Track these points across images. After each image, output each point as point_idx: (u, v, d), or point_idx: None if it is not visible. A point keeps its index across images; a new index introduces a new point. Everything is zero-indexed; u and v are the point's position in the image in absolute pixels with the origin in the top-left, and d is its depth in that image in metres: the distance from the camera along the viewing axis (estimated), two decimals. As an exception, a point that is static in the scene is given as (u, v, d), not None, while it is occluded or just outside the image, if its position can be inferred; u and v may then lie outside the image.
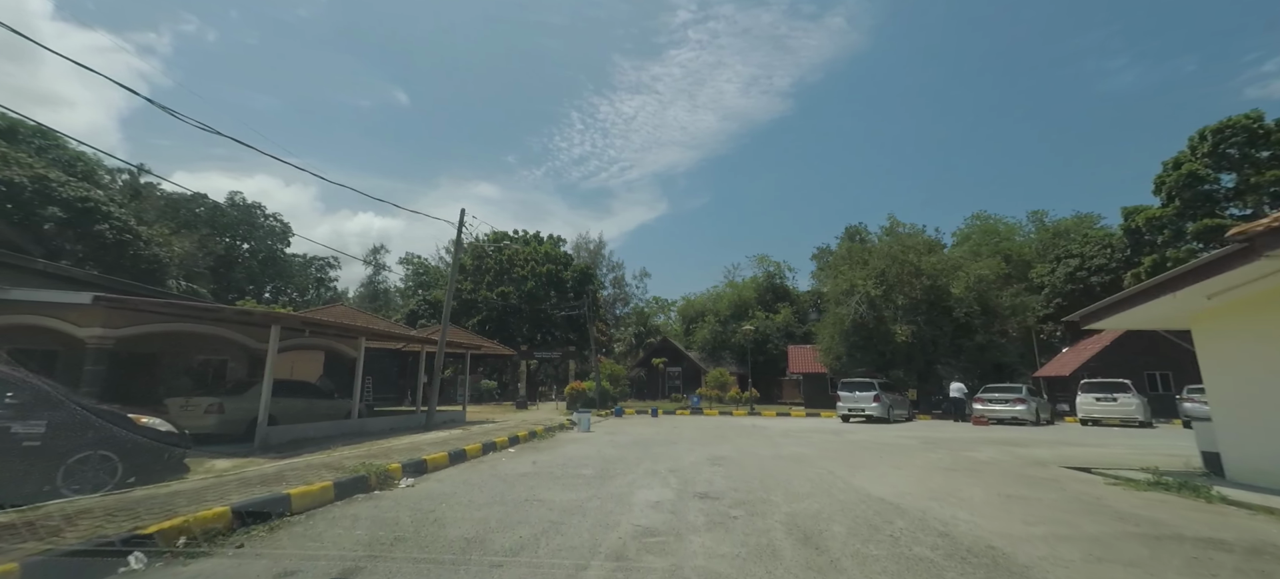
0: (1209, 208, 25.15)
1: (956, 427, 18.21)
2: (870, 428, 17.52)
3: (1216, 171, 24.88)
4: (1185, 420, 18.31)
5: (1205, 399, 9.20)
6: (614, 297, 72.93)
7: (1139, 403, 18.03)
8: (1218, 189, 25.03)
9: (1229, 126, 25.04)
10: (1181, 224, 25.57)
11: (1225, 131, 25.06)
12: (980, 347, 24.55)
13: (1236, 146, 24.67)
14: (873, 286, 24.89)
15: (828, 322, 27.77)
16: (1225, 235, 5.36)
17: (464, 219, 17.02)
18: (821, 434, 15.22)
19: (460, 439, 11.51)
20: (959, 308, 24.11)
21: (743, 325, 40.87)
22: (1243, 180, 24.78)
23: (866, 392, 19.52)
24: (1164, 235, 26.28)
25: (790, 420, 21.67)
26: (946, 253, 26.07)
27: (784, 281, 47.18)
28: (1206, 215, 25.03)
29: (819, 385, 35.07)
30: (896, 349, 24.60)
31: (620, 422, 20.31)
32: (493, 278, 45.84)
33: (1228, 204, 25.32)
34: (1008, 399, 18.65)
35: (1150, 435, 15.26)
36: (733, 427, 18.01)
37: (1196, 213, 25.30)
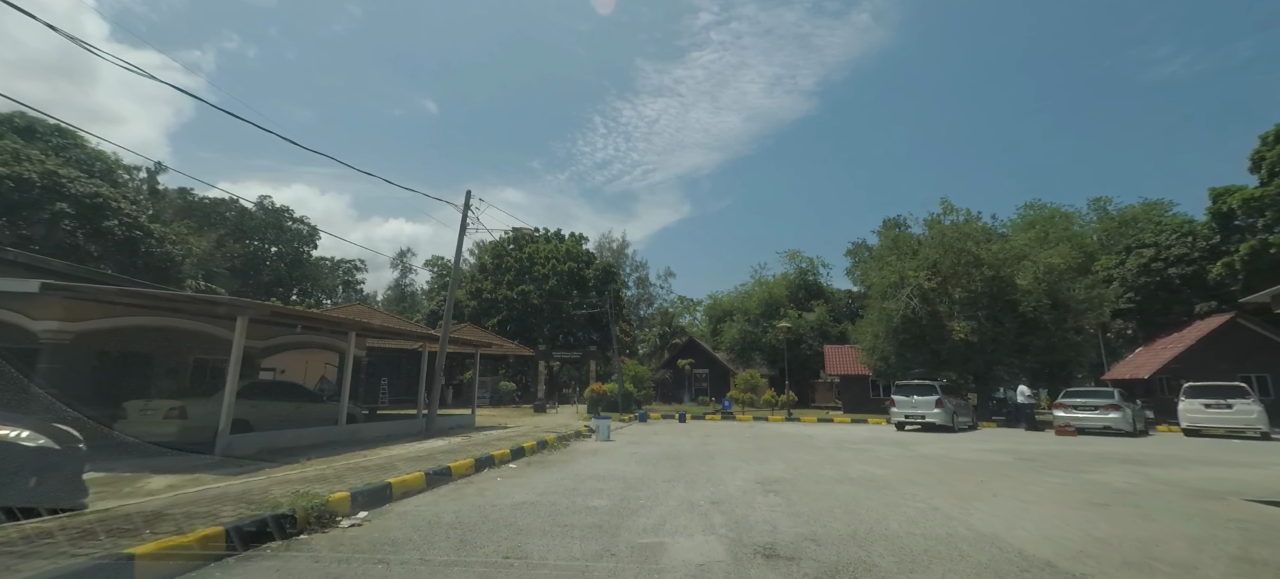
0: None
1: (1036, 437, 15.60)
2: (934, 438, 15.10)
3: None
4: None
5: None
6: (638, 297, 71.09)
7: (1259, 411, 15.13)
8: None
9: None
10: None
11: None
12: (1049, 346, 21.69)
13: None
14: (925, 278, 22.29)
15: (871, 319, 25.22)
16: None
17: (469, 202, 15.29)
18: (883, 446, 12.92)
19: (454, 451, 9.67)
20: (1025, 302, 21.31)
21: (777, 324, 38.36)
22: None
23: (927, 395, 17.06)
24: (1265, 218, 22.90)
25: (836, 427, 19.30)
26: (1008, 241, 23.23)
27: (817, 278, 44.50)
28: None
29: (858, 389, 32.45)
30: (952, 348, 21.94)
31: (645, 428, 18.30)
32: (513, 277, 44.44)
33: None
34: (1098, 405, 15.97)
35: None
36: (774, 435, 15.80)
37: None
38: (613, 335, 28.22)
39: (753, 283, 45.58)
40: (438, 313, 49.60)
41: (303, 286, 61.35)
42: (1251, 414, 15.15)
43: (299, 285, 60.67)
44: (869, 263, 26.52)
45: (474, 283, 46.83)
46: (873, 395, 32.24)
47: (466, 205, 15.29)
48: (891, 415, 17.72)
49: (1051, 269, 21.31)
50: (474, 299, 45.29)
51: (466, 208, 15.27)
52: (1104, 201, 37.45)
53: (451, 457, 8.70)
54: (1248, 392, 15.68)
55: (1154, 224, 32.22)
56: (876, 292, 24.12)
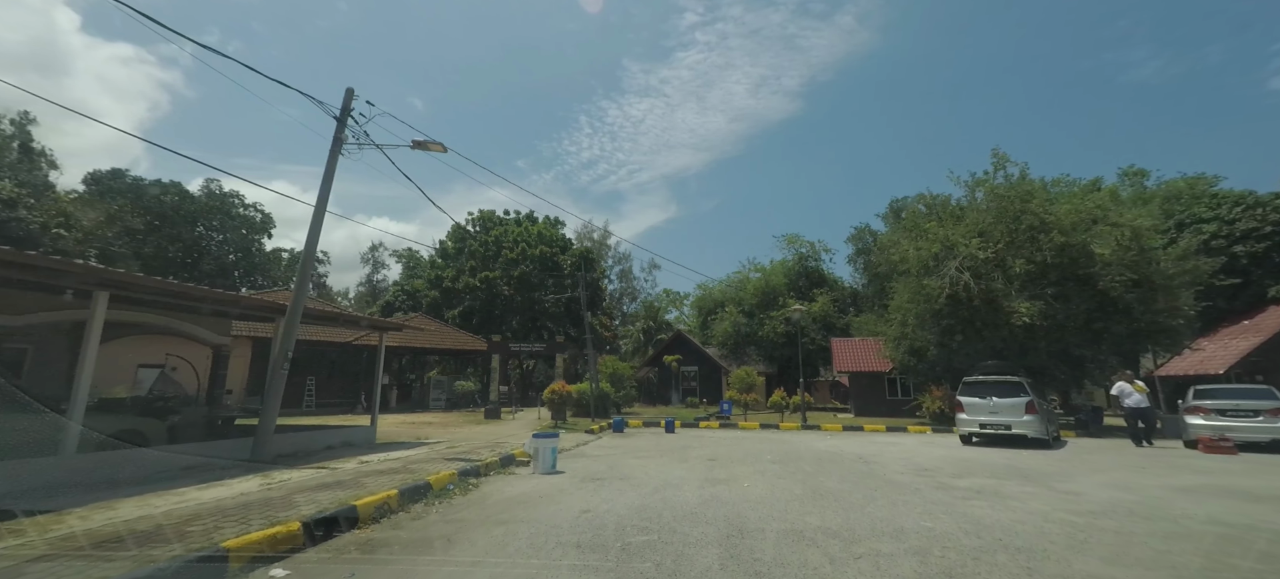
0: None
1: (1189, 457, 10.86)
2: (1031, 456, 10.33)
3: None
4: None
5: None
6: (621, 291, 65.94)
7: None
8: None
9: None
10: None
11: None
12: (1133, 332, 17.12)
13: None
14: (978, 247, 17.56)
15: (902, 301, 20.46)
16: None
17: (350, 105, 10.07)
18: (998, 478, 8.02)
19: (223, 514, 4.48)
20: (1105, 276, 16.71)
21: (780, 312, 33.62)
22: None
23: (1013, 396, 12.27)
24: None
25: (878, 439, 14.43)
26: (1078, 202, 18.60)
27: (819, 265, 39.87)
28: None
29: (871, 388, 27.70)
30: (1009, 335, 17.26)
31: (619, 443, 13.24)
32: (478, 262, 39.04)
33: None
34: (1259, 408, 11.30)
35: None
36: (806, 453, 10.85)
37: None
38: (586, 324, 23.13)
39: (750, 268, 40.74)
40: (392, 304, 43.99)
41: (252, 280, 55.04)
42: None
43: (249, 278, 54.40)
44: (897, 234, 21.79)
45: (434, 270, 41.36)
46: (890, 395, 27.55)
47: (346, 110, 10.05)
48: (959, 423, 12.88)
49: (1138, 234, 16.72)
50: (433, 288, 39.84)
51: (345, 113, 10.03)
52: (1141, 174, 33.17)
53: (204, 525, 3.54)
54: None
55: (1210, 197, 28.09)
56: (913, 266, 19.33)
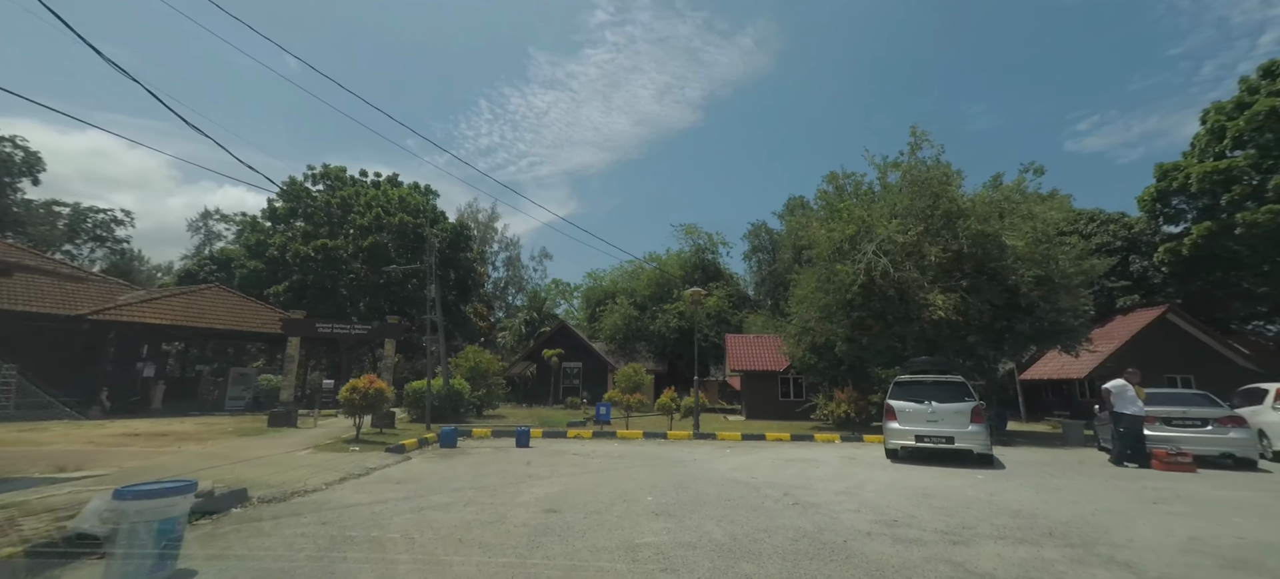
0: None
1: (1165, 480, 8.85)
2: (1003, 486, 7.65)
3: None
4: None
5: None
6: (507, 279, 60.06)
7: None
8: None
9: (1314, 55, 19.00)
10: (1263, 178, 19.15)
11: (1309, 60, 19.02)
12: (1037, 331, 16.11)
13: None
14: (898, 230, 15.47)
15: (806, 290, 18.08)
16: None
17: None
18: (1025, 542, 4.76)
19: None
20: (1016, 270, 15.45)
21: (673, 306, 30.73)
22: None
23: (955, 401, 9.67)
24: (1231, 193, 19.80)
25: (791, 455, 11.28)
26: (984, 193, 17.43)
27: (716, 258, 37.79)
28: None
29: (764, 389, 25.61)
30: (921, 332, 15.38)
31: (431, 466, 8.71)
32: (313, 228, 31.44)
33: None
34: (1207, 416, 9.72)
35: None
36: (707, 491, 7.17)
37: (1279, 163, 19.00)
38: (431, 304, 17.92)
39: (645, 257, 37.50)
40: (194, 273, 34.50)
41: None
42: (1391, 430, 9.83)
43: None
44: (807, 216, 19.53)
45: (255, 234, 32.86)
46: (783, 396, 25.66)
47: None
48: (888, 435, 10.07)
49: (1048, 228, 15.62)
50: (254, 256, 31.46)
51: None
52: (1039, 172, 34.93)
53: None
54: (1376, 395, 10.43)
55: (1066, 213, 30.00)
56: (824, 250, 16.92)
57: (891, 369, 16.70)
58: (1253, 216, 18.95)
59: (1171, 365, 22.95)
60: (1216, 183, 20.30)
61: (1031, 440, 14.91)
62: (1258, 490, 7.42)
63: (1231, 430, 9.47)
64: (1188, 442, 9.47)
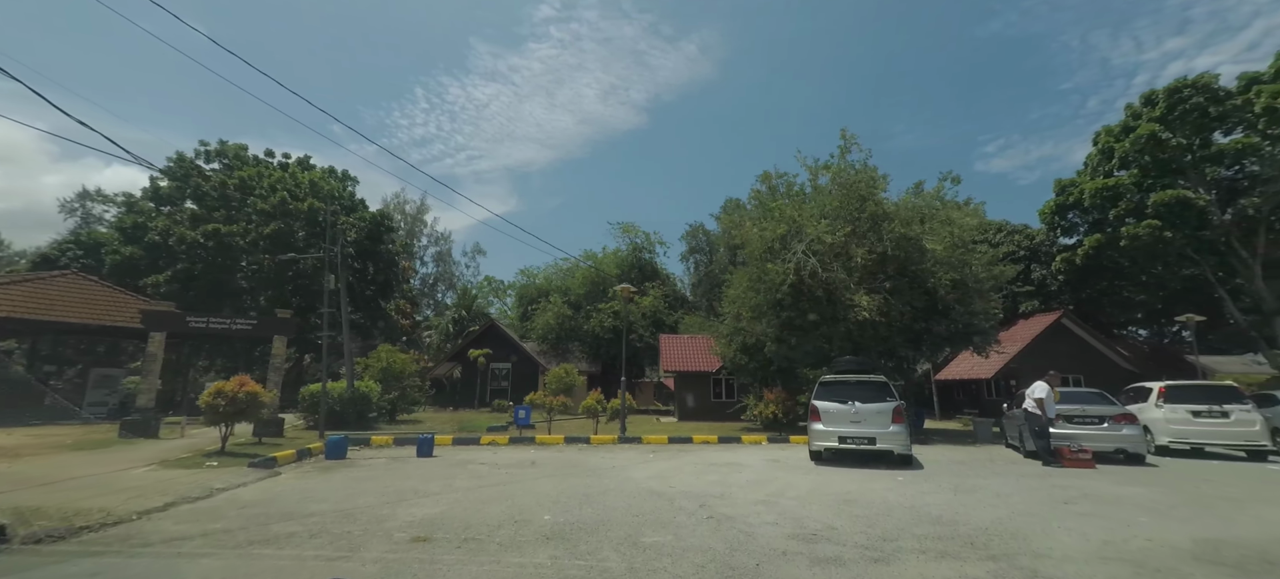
0: (1170, 178, 20.95)
1: (1073, 477, 9.05)
2: (921, 489, 7.48)
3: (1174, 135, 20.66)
4: None
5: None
6: (437, 276, 57.03)
7: (1261, 422, 10.81)
8: (1184, 155, 20.82)
9: (1183, 88, 21.25)
10: (1143, 195, 21.04)
11: (1180, 93, 21.22)
12: (952, 333, 16.72)
13: (1192, 109, 20.77)
14: (826, 231, 15.51)
15: (738, 290, 17.91)
16: None
17: None
18: (944, 555, 4.34)
19: None
20: (935, 274, 15.94)
21: (609, 305, 30.00)
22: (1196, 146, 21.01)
23: (877, 401, 9.52)
24: (1118, 209, 21.65)
25: (715, 459, 10.79)
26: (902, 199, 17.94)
27: (654, 258, 37.43)
28: (1165, 185, 20.73)
29: (697, 390, 25.49)
30: (847, 333, 15.52)
31: (297, 484, 7.50)
32: (206, 211, 28.07)
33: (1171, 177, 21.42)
34: (1103, 415, 10.15)
35: None
36: (617, 506, 6.44)
37: (1156, 182, 20.94)
38: (331, 294, 16.14)
39: (581, 255, 36.46)
40: (52, 258, 29.91)
41: None
42: (1252, 425, 10.73)
43: None
44: (740, 216, 19.36)
45: (133, 215, 28.95)
46: (715, 397, 25.62)
47: None
48: (812, 436, 9.78)
49: (964, 233, 16.22)
50: (130, 241, 27.64)
51: None
52: (955, 181, 37.12)
53: None
54: (1240, 394, 11.36)
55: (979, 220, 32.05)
56: (755, 249, 16.75)
57: (819, 370, 16.76)
58: (1134, 231, 20.76)
59: (1065, 366, 24.81)
60: (1105, 199, 22.14)
61: (946, 438, 15.37)
62: (1150, 485, 7.64)
63: (1124, 427, 9.92)
64: (1087, 438, 9.82)
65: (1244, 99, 19.96)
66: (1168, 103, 21.41)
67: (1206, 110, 20.60)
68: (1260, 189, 20.48)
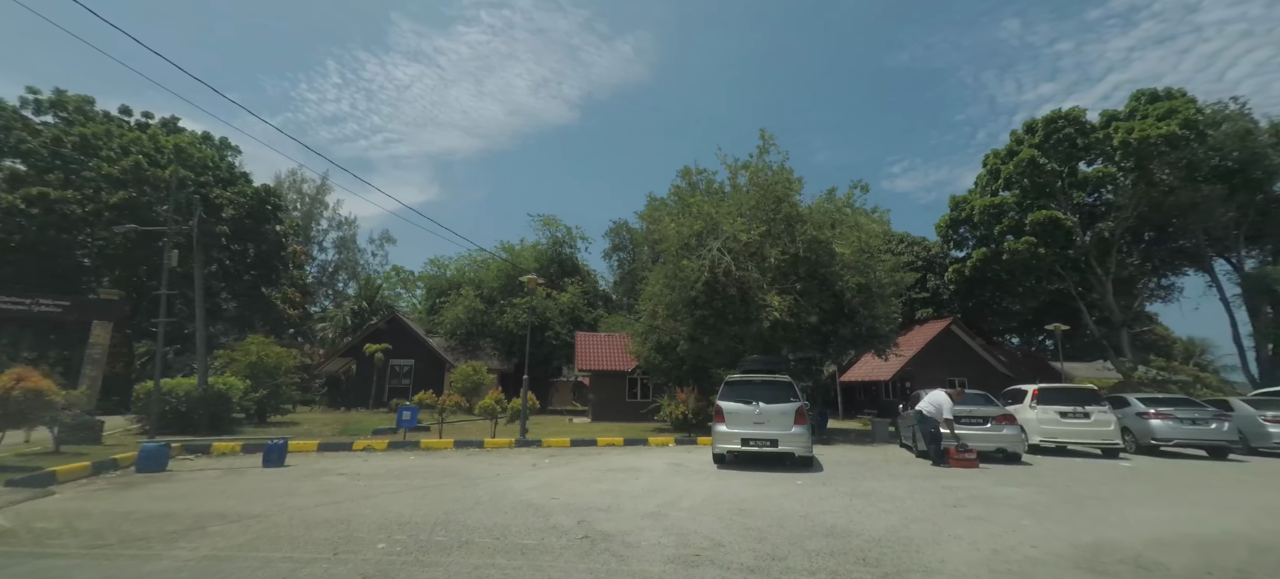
0: (1045, 200, 23.11)
1: (959, 477, 9.18)
2: (817, 494, 7.18)
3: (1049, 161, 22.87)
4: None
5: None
6: (338, 263, 52.34)
7: (1115, 422, 11.81)
8: (1057, 180, 23.07)
9: (1058, 118, 23.58)
10: (1022, 214, 23.06)
11: (1056, 123, 23.53)
12: (856, 336, 17.24)
13: (1063, 139, 23.10)
14: (743, 229, 15.35)
15: (655, 288, 17.48)
16: None
17: None
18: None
19: None
20: (843, 277, 16.32)
21: (524, 301, 28.62)
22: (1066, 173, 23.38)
23: (781, 402, 9.22)
24: (1001, 225, 23.62)
25: (614, 462, 10.06)
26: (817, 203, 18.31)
27: (574, 253, 36.32)
28: (1041, 206, 22.84)
29: (612, 389, 24.82)
30: (761, 332, 15.48)
31: (67, 508, 5.84)
32: (34, 171, 23.42)
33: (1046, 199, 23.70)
34: (986, 415, 10.55)
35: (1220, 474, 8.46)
36: (478, 524, 5.42)
37: (1034, 203, 23.04)
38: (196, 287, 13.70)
39: (497, 246, 34.57)
40: None
41: None
42: (1108, 426, 11.69)
43: None
44: (659, 211, 18.91)
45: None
46: (630, 397, 25.05)
47: None
48: (716, 438, 9.33)
49: (870, 239, 16.73)
50: (-75, 203, 22.40)
51: None
52: (865, 189, 39.17)
53: None
54: (1098, 396, 12.36)
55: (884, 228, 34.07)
56: (672, 245, 16.31)
57: (732, 370, 16.68)
58: (1014, 246, 22.69)
59: (953, 369, 26.78)
60: (991, 216, 24.06)
61: (847, 438, 15.71)
62: (1028, 485, 7.84)
63: (1005, 428, 10.37)
64: (973, 439, 10.14)
65: (1105, 133, 22.45)
66: (1045, 131, 23.65)
67: (1075, 141, 22.97)
68: (1114, 214, 23.12)
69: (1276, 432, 12.42)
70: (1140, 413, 12.48)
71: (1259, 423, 12.73)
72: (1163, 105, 20.96)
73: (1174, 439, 11.96)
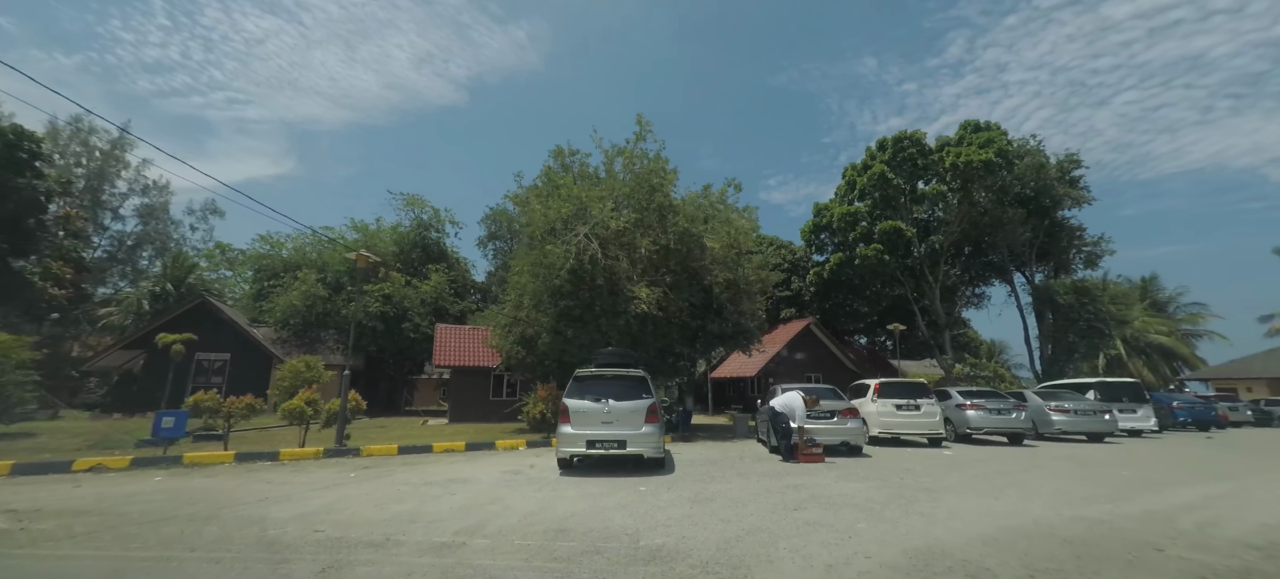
0: (891, 212, 25.42)
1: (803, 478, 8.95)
2: (657, 503, 6.38)
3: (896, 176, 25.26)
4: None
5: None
6: (140, 237, 42.99)
7: (939, 414, 12.83)
8: (901, 195, 25.49)
9: (904, 139, 26.10)
10: (872, 224, 25.16)
11: (902, 142, 26.03)
12: (723, 333, 17.23)
13: (908, 158, 25.67)
14: (614, 216, 14.45)
15: (521, 277, 16.06)
16: None
17: None
18: None
19: None
20: (712, 272, 16.18)
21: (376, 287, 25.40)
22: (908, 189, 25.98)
23: (632, 399, 8.35)
24: (855, 232, 25.59)
25: (433, 473, 8.50)
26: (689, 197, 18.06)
27: (442, 240, 33.14)
28: (888, 217, 25.09)
29: (474, 387, 22.82)
30: (629, 325, 14.76)
31: None
32: None
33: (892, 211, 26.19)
34: (834, 409, 10.71)
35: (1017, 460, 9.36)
36: None
37: (882, 214, 25.25)
38: None
39: (347, 225, 30.26)
40: None
41: None
42: (934, 417, 12.65)
43: None
44: (528, 192, 17.41)
45: None
46: (495, 395, 23.17)
47: None
48: (560, 440, 8.21)
49: (740, 236, 16.80)
50: None
51: None
52: (738, 187, 40.63)
53: None
54: (927, 389, 13.35)
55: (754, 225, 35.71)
56: (538, 228, 14.96)
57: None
58: (865, 252, 24.68)
59: (811, 366, 28.60)
60: (847, 223, 25.99)
61: (710, 434, 15.58)
62: (866, 480, 7.79)
63: (849, 422, 10.59)
64: (820, 433, 10.19)
65: (939, 155, 25.31)
66: (894, 149, 26.09)
67: (916, 160, 25.61)
68: (944, 229, 26.17)
69: (1058, 419, 14.39)
70: (959, 405, 13.71)
71: (1045, 412, 14.68)
72: (984, 135, 24.17)
73: (984, 427, 13.28)
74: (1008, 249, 27.34)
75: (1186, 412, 19.22)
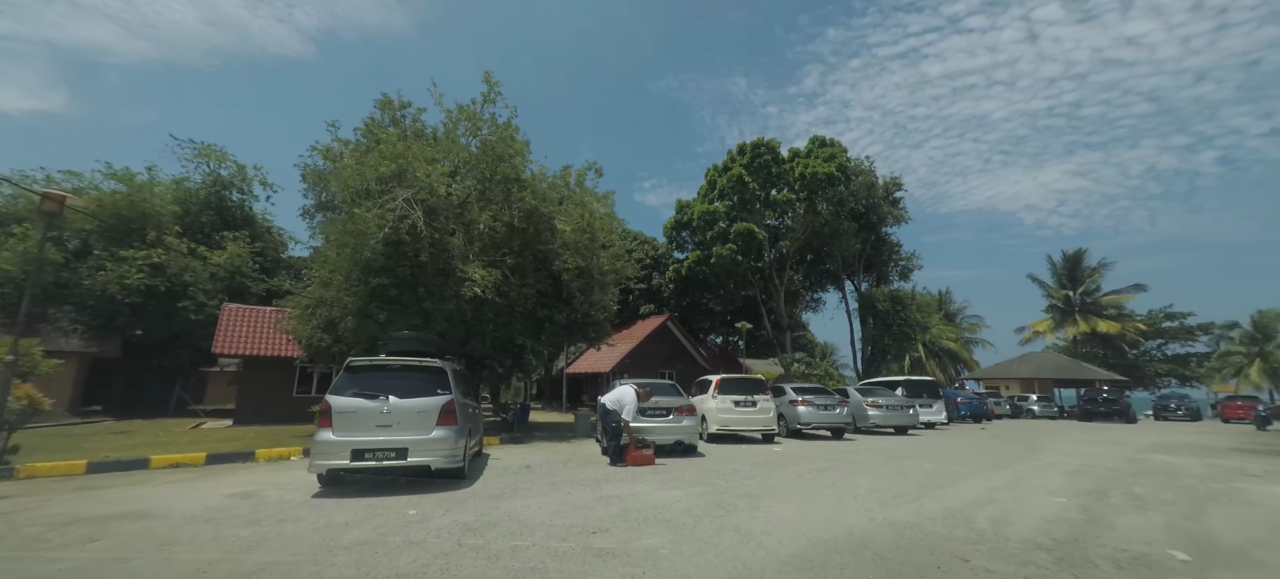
0: (747, 215, 26.35)
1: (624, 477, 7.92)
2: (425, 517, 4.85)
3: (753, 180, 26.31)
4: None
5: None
6: None
7: (774, 410, 13.00)
8: (756, 201, 26.52)
9: (762, 145, 27.31)
10: (729, 224, 25.85)
11: (760, 148, 27.19)
12: (572, 323, 15.97)
13: (764, 164, 26.90)
14: (446, 183, 12.37)
15: (329, 250, 13.27)
16: None
17: None
18: None
19: None
20: (561, 257, 14.82)
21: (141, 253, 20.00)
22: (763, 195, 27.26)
23: (421, 396, 6.65)
24: (713, 231, 26.12)
25: (149, 499, 5.95)
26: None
27: (247, 204, 27.30)
28: (744, 219, 25.98)
29: (275, 381, 18.98)
30: (461, 313, 12.82)
31: None
32: None
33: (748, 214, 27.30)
34: (671, 406, 10.01)
35: (839, 454, 9.54)
36: None
37: (739, 215, 26.07)
38: None
39: (103, 173, 23.30)
40: None
41: None
42: (769, 413, 12.75)
43: None
44: (343, 147, 14.44)
45: None
46: (301, 391, 19.38)
47: None
48: (317, 449, 6.23)
49: (595, 221, 15.67)
50: None
51: None
52: (598, 172, 39.57)
53: None
54: (764, 386, 13.45)
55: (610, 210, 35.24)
56: (347, 195, 12.32)
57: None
58: (721, 252, 25.29)
59: (666, 362, 28.71)
60: (706, 222, 26.47)
61: (549, 433, 14.31)
62: (689, 486, 7.05)
63: (685, 419, 9.97)
64: (654, 431, 9.43)
65: (790, 165, 26.91)
66: (753, 154, 27.17)
67: (771, 168, 26.94)
68: (790, 235, 27.91)
69: (873, 413, 15.56)
70: (792, 401, 14.08)
71: (863, 407, 15.80)
72: (828, 150, 26.22)
73: (813, 423, 13.75)
74: (842, 259, 30.18)
75: (966, 406, 22.51)
